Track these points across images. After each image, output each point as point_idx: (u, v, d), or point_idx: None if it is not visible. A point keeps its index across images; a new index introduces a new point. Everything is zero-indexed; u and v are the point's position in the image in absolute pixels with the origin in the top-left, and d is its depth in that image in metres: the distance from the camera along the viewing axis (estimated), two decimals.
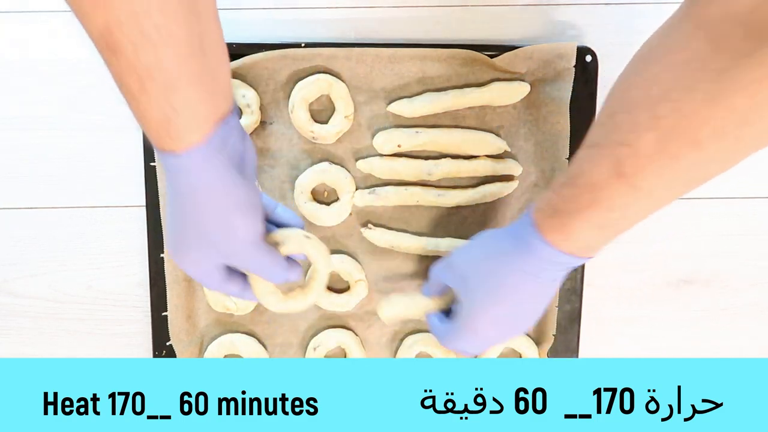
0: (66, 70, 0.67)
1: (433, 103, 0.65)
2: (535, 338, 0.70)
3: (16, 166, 0.69)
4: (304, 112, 0.64)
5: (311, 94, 0.64)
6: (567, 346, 0.70)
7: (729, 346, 0.74)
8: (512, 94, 0.65)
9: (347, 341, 0.69)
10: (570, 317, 0.69)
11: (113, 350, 0.73)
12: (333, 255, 0.67)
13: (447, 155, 0.67)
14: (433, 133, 0.66)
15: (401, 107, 0.65)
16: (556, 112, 0.65)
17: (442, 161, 0.66)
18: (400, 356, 0.70)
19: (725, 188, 0.70)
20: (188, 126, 0.42)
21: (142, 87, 0.40)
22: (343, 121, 0.65)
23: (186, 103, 0.41)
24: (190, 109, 0.42)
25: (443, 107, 0.65)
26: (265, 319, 0.69)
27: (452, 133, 0.66)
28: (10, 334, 0.73)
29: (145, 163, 0.67)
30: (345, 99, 0.65)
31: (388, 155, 0.66)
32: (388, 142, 0.65)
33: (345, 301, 0.68)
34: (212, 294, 0.67)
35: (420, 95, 0.66)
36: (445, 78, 0.66)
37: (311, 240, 0.54)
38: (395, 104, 0.65)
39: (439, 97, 0.65)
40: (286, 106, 0.66)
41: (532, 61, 0.64)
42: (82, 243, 0.70)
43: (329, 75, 0.64)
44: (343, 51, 0.64)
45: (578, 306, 0.69)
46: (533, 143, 0.67)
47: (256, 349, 0.69)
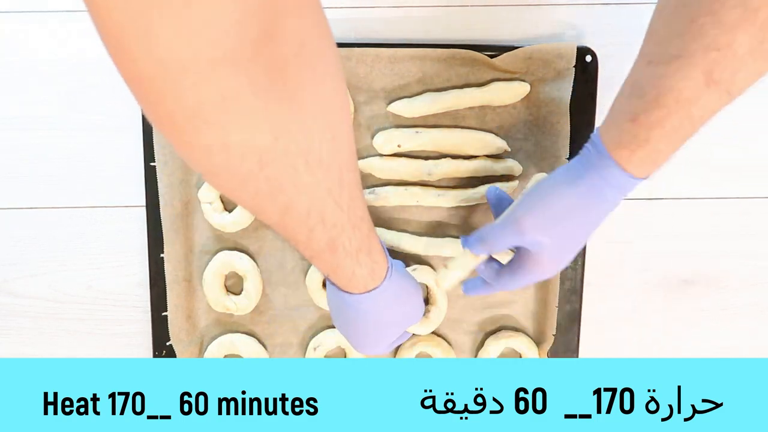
0: (66, 70, 0.67)
1: (433, 103, 0.65)
2: (535, 338, 0.70)
3: (17, 166, 0.69)
4: None
5: None
6: (567, 346, 0.70)
7: (729, 346, 0.74)
8: (512, 95, 0.65)
9: (347, 342, 0.68)
10: (570, 317, 0.69)
11: (113, 350, 0.73)
12: None
13: (447, 155, 0.67)
14: (433, 134, 0.66)
15: (401, 107, 0.65)
16: (556, 112, 0.65)
17: (442, 161, 0.66)
18: (400, 356, 0.70)
19: (726, 188, 0.70)
20: (370, 277, 0.52)
21: (334, 252, 0.47)
22: None
23: (368, 261, 0.50)
24: (372, 264, 0.51)
25: (443, 107, 0.65)
26: (265, 319, 0.69)
27: (452, 133, 0.66)
28: (10, 334, 0.73)
29: (145, 163, 0.67)
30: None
31: (388, 155, 0.66)
32: (388, 142, 0.65)
33: None
34: (212, 294, 0.68)
35: (420, 95, 0.66)
36: (445, 78, 0.66)
37: (424, 272, 0.67)
38: (395, 104, 0.65)
39: (439, 97, 0.65)
40: None
41: (532, 61, 0.64)
42: (82, 243, 0.70)
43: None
44: (343, 51, 0.64)
45: (578, 306, 0.69)
46: (533, 143, 0.67)
47: (256, 349, 0.69)
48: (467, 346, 0.71)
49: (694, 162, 0.69)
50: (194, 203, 0.67)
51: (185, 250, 0.67)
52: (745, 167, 0.70)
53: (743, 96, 0.67)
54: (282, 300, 0.69)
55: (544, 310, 0.69)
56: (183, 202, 0.67)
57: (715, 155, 0.69)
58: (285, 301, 0.69)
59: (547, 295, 0.69)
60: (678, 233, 0.71)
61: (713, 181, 0.70)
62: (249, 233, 0.68)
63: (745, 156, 0.69)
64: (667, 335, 0.74)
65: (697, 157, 0.69)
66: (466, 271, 0.58)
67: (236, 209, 0.67)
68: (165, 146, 0.65)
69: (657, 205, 0.70)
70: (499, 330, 0.70)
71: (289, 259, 0.68)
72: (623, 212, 0.70)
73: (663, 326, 0.74)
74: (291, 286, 0.69)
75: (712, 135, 0.68)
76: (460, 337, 0.71)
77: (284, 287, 0.69)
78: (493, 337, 0.70)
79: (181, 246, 0.67)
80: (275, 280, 0.69)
